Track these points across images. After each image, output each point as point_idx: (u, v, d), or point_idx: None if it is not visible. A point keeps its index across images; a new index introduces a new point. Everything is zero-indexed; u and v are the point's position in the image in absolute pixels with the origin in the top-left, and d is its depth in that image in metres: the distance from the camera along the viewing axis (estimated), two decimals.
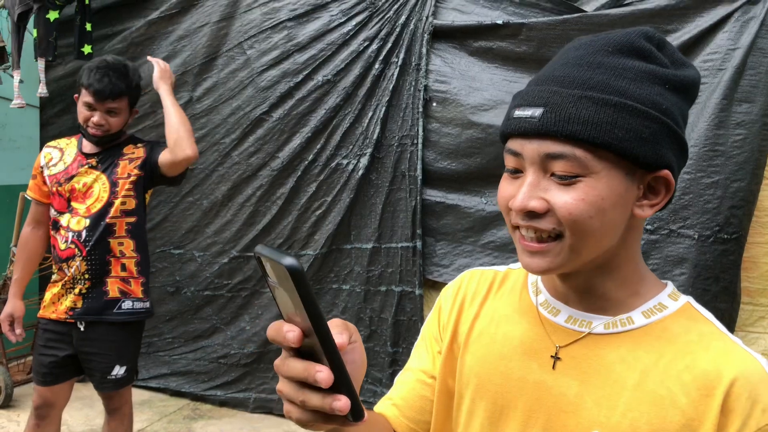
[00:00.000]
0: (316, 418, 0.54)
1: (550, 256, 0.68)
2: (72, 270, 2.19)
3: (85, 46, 3.51)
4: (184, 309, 3.62)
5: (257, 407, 3.48)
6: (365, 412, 0.53)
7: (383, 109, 3.15)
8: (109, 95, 2.15)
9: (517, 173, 0.70)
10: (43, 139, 3.83)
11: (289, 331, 0.53)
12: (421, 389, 0.86)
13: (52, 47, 3.38)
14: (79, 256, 2.18)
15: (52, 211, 2.25)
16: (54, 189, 2.22)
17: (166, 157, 2.20)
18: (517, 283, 0.84)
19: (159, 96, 2.34)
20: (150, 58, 2.42)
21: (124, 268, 2.23)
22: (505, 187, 0.71)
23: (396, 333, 3.22)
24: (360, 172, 3.21)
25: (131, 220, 2.23)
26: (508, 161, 0.71)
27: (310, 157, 3.30)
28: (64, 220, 2.20)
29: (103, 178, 2.21)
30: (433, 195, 3.11)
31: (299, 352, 0.55)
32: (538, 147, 0.67)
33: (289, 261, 0.48)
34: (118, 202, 2.20)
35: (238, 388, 3.53)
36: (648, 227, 2.61)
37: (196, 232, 3.58)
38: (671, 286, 0.76)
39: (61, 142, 2.33)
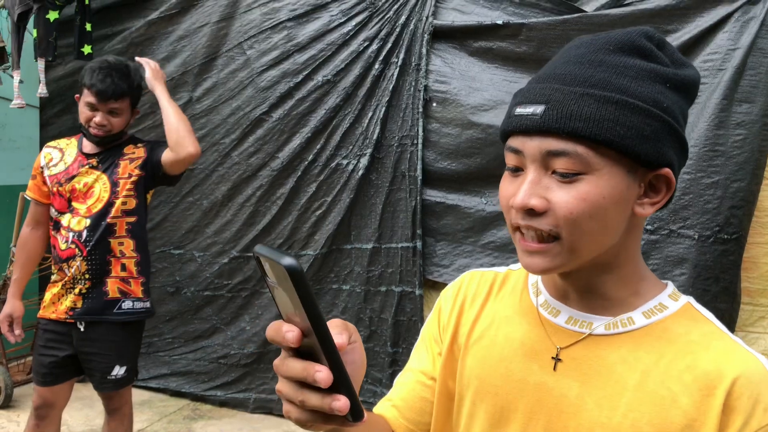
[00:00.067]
0: (316, 418, 0.54)
1: (550, 255, 0.68)
2: (72, 270, 2.19)
3: (85, 46, 3.51)
4: (184, 309, 3.62)
5: (257, 407, 3.48)
6: (364, 412, 0.53)
7: (383, 109, 3.15)
8: (112, 95, 2.15)
9: (517, 171, 0.70)
10: (43, 140, 3.82)
11: (288, 331, 0.52)
12: (421, 390, 0.85)
13: (52, 47, 3.38)
14: (80, 256, 2.18)
15: (53, 211, 2.25)
16: (54, 189, 2.22)
17: (168, 156, 2.20)
18: (518, 284, 0.84)
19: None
20: (138, 58, 2.37)
21: (124, 268, 2.23)
22: (506, 186, 0.71)
23: (396, 333, 3.22)
24: (360, 173, 3.20)
25: (131, 219, 2.23)
26: (509, 159, 0.71)
27: (310, 158, 3.30)
28: (64, 220, 2.20)
29: (104, 178, 2.21)
30: (433, 195, 3.11)
31: (298, 352, 0.55)
32: (540, 144, 0.67)
33: (288, 261, 0.48)
34: (118, 202, 2.20)
35: (238, 388, 3.53)
36: (648, 227, 2.61)
37: (196, 232, 3.58)
38: (671, 286, 0.76)
39: (61, 143, 2.33)
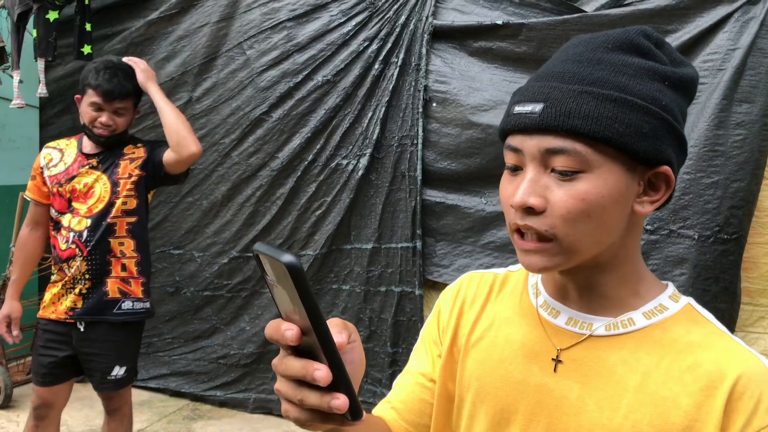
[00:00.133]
0: (314, 417, 0.54)
1: (548, 254, 0.68)
2: (72, 270, 2.19)
3: (85, 46, 3.51)
4: (184, 309, 3.62)
5: (257, 407, 3.47)
6: (363, 412, 0.53)
7: (383, 109, 3.15)
8: (118, 95, 2.16)
9: (517, 170, 0.70)
10: (43, 140, 3.82)
11: (287, 330, 0.52)
12: (421, 392, 0.85)
13: (51, 47, 3.37)
14: (80, 256, 2.17)
15: (53, 211, 2.25)
16: (54, 189, 2.22)
17: (170, 156, 2.20)
18: (518, 285, 0.84)
19: None
20: (126, 59, 2.31)
21: (124, 268, 2.23)
22: (506, 185, 0.71)
23: (396, 333, 3.22)
24: (360, 173, 3.20)
25: (132, 219, 2.23)
26: (508, 158, 0.71)
27: (310, 158, 3.30)
28: (65, 220, 2.20)
29: (104, 179, 2.21)
30: (433, 195, 3.10)
31: (298, 351, 0.54)
32: (539, 142, 0.67)
33: (287, 258, 0.48)
34: (119, 202, 2.20)
35: (238, 388, 3.52)
36: (648, 227, 2.61)
37: (195, 233, 3.58)
38: (672, 287, 0.76)
39: (61, 143, 2.33)
